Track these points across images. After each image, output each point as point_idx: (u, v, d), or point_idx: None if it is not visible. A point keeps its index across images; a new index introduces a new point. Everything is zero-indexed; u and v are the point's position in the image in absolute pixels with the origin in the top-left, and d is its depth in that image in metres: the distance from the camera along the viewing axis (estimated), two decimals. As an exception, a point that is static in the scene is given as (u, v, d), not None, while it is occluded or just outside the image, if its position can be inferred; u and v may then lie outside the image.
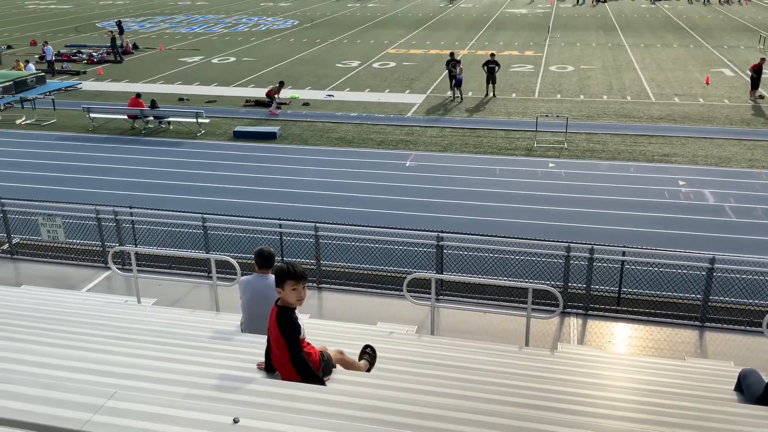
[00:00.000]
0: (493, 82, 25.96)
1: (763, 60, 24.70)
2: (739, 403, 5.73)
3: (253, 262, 7.05)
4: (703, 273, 10.31)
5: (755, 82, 24.71)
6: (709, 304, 10.37)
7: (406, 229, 12.18)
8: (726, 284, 10.50)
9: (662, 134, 20.79)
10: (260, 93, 25.59)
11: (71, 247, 13.05)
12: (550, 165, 18.26)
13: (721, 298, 10.52)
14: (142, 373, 4.83)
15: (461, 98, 25.58)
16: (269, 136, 21.13)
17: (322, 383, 4.86)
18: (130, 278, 10.67)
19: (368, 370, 5.46)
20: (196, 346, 5.92)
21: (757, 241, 13.57)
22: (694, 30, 41.83)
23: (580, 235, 13.39)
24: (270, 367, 5.13)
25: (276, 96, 24.15)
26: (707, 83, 27.42)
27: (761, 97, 24.65)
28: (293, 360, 4.84)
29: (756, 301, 10.37)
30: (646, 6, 55.27)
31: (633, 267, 10.99)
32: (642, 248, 11.40)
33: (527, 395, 5.21)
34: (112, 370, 4.89)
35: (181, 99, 26.41)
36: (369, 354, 5.65)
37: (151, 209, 13.49)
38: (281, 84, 24.77)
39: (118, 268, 10.61)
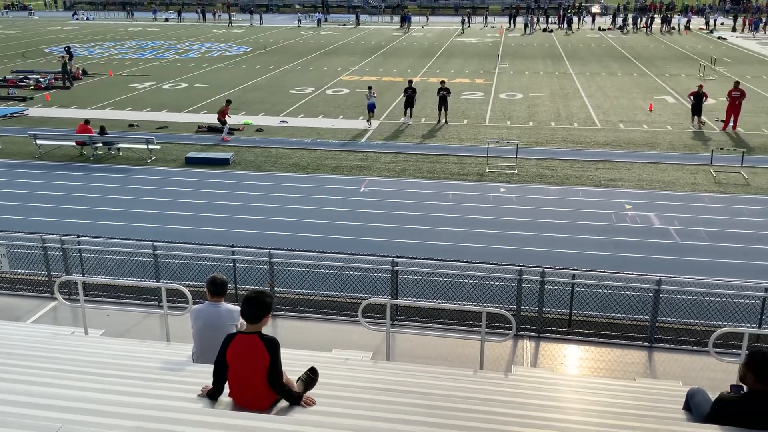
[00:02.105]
0: (445, 109, 26.34)
1: (700, 87, 25.55)
2: (687, 422, 5.85)
3: (205, 290, 6.95)
4: (651, 294, 10.57)
5: (695, 109, 25.49)
6: (657, 324, 10.62)
7: (361, 255, 12.18)
8: (673, 305, 10.79)
9: (608, 159, 21.36)
10: (213, 119, 25.35)
11: (16, 277, 12.64)
12: (502, 190, 18.56)
13: (669, 319, 10.79)
14: (89, 407, 4.71)
15: (369, 122, 25.90)
16: (222, 163, 20.96)
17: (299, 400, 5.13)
18: (77, 309, 10.39)
19: (304, 391, 5.31)
20: (147, 378, 5.80)
21: (702, 263, 14.00)
22: (638, 59, 43.30)
23: (532, 258, 13.61)
24: (216, 395, 5.09)
25: (228, 116, 23.96)
26: (650, 110, 28.36)
27: (702, 123, 25.50)
28: (277, 385, 4.97)
29: (702, 321, 10.66)
30: (591, 36, 57.04)
31: (583, 289, 11.20)
32: (591, 271, 11.64)
33: (483, 419, 5.24)
34: (58, 404, 4.75)
35: (131, 125, 26.02)
36: (307, 375, 5.48)
37: (100, 237, 13.20)
38: (228, 102, 24.56)
39: (64, 299, 10.32)
